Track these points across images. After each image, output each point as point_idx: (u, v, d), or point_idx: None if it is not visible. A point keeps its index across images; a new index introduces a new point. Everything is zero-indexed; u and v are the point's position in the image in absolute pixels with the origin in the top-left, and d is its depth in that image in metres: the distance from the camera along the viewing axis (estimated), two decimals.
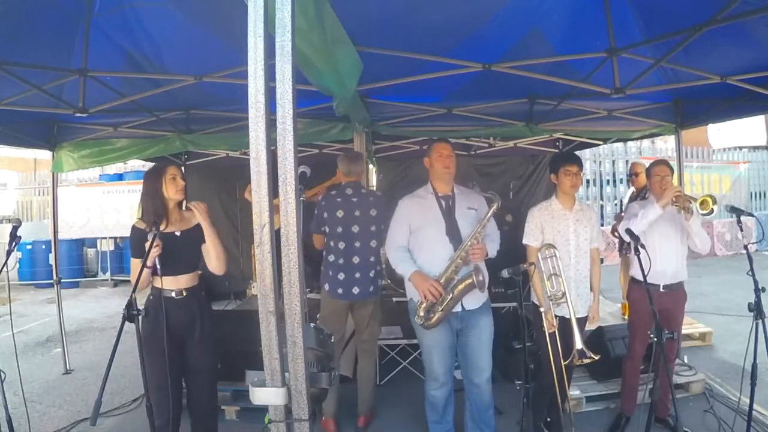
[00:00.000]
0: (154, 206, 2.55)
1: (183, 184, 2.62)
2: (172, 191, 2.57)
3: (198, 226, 2.61)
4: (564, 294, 2.87)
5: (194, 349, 2.60)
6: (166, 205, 2.58)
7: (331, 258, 3.34)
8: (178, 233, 2.58)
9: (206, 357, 2.62)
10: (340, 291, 3.29)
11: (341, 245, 3.29)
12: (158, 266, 2.38)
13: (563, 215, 3.02)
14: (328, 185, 4.55)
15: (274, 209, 1.24)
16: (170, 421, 2.54)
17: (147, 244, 2.35)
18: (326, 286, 3.34)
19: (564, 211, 3.03)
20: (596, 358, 2.80)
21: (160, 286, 2.49)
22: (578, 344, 2.79)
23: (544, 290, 2.94)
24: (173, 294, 2.54)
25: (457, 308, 2.75)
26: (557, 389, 2.88)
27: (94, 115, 3.62)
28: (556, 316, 2.96)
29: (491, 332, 2.88)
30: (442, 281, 2.69)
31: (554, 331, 2.91)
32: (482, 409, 2.90)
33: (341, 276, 3.29)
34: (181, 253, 2.55)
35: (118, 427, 3.60)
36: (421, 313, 2.72)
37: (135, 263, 2.52)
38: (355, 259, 3.27)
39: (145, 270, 2.35)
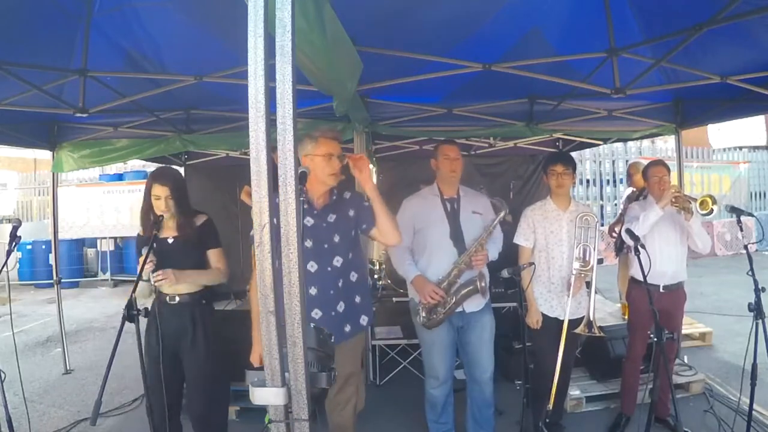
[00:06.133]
0: (146, 213, 2.60)
1: (165, 206, 2.54)
2: (157, 208, 2.56)
3: (194, 233, 2.59)
4: (592, 267, 2.87)
5: (186, 357, 2.59)
6: (155, 214, 2.58)
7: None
8: (170, 240, 2.57)
9: (197, 366, 2.58)
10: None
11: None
12: (150, 279, 2.42)
13: (557, 216, 3.02)
14: None
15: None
16: (166, 421, 2.54)
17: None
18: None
19: (558, 211, 3.03)
20: (601, 335, 2.91)
21: (162, 290, 2.57)
22: (590, 315, 2.83)
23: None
24: (167, 299, 2.58)
25: (458, 309, 2.75)
26: (553, 388, 2.88)
27: (94, 115, 3.62)
28: (549, 317, 2.98)
29: (492, 330, 2.88)
30: (444, 285, 2.69)
31: (546, 331, 2.95)
32: (483, 407, 2.91)
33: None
34: (173, 259, 2.54)
35: (118, 427, 3.60)
36: (423, 314, 2.72)
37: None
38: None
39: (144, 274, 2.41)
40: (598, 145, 6.66)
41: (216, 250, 2.68)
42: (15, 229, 2.75)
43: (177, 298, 2.57)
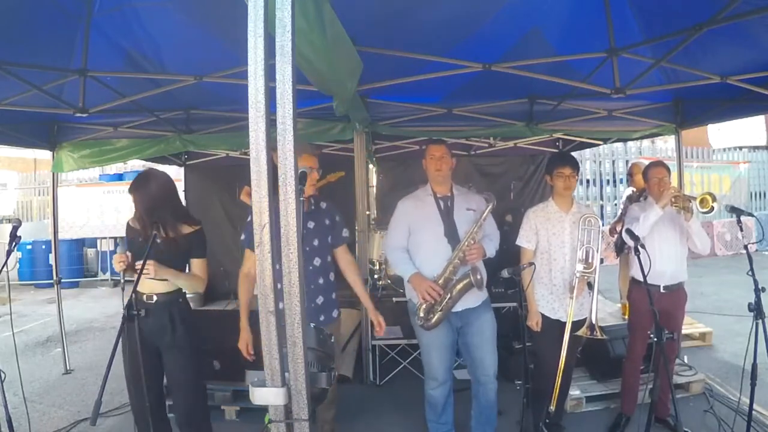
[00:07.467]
0: None
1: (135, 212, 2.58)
2: None
3: (183, 238, 2.56)
4: (595, 269, 2.85)
5: (167, 355, 2.55)
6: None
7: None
8: (159, 240, 2.55)
9: (179, 369, 2.53)
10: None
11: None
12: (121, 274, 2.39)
13: (559, 217, 3.01)
14: (324, 183, 4.61)
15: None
16: (149, 424, 2.46)
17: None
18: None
19: (560, 213, 3.02)
20: (603, 337, 2.88)
21: (140, 289, 2.49)
22: (593, 318, 2.80)
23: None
24: (144, 297, 2.54)
25: (457, 307, 2.75)
26: (556, 390, 2.88)
27: (94, 115, 3.62)
28: (551, 319, 2.98)
29: (494, 329, 2.86)
30: (440, 282, 2.69)
31: (547, 332, 2.93)
32: (487, 408, 2.89)
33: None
34: (158, 259, 2.50)
35: (118, 427, 3.60)
36: (421, 314, 2.72)
37: None
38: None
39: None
40: (598, 145, 6.66)
41: (199, 260, 2.66)
42: (15, 229, 2.74)
43: (155, 297, 2.53)
